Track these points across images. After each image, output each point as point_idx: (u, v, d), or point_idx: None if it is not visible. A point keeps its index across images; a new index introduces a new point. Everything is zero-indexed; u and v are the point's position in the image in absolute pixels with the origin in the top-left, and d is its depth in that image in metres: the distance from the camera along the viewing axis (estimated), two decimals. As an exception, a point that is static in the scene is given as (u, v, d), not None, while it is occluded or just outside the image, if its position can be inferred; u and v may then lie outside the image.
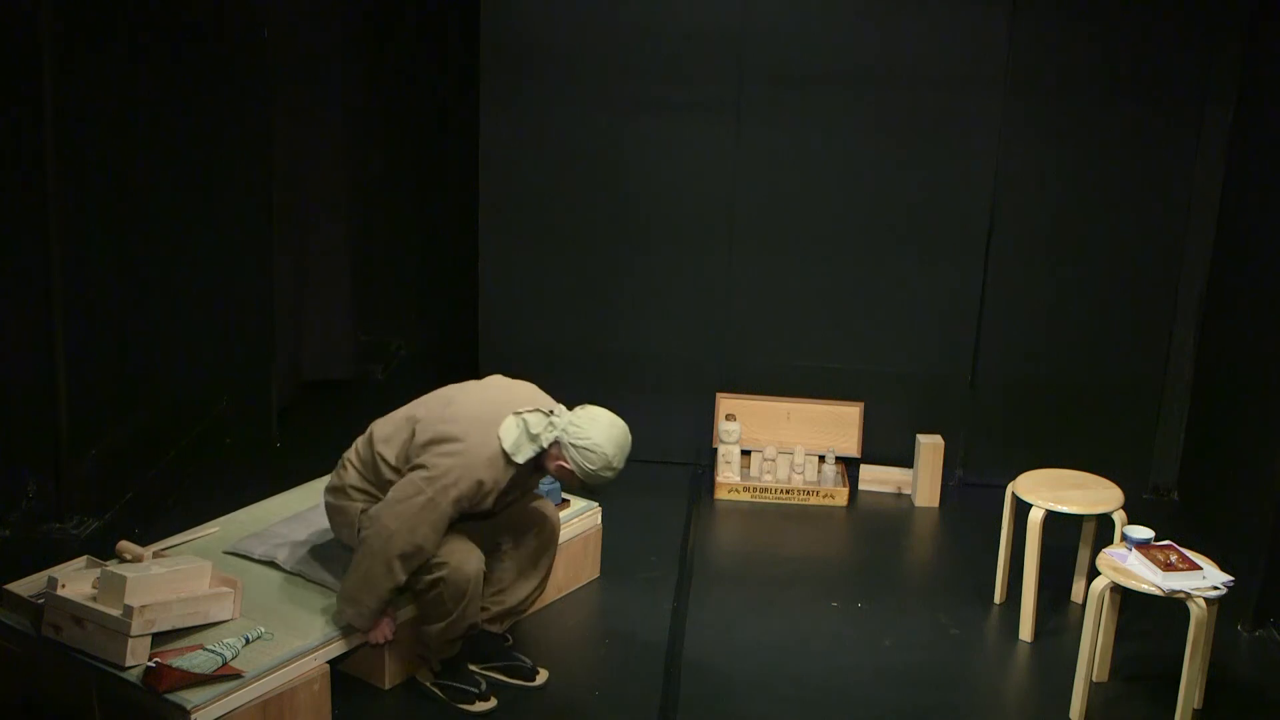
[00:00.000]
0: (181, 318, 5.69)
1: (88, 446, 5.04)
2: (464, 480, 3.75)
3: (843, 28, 5.51)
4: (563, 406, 3.94)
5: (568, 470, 3.83)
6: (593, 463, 3.78)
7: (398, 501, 3.76)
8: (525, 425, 3.81)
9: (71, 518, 4.94)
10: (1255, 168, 5.21)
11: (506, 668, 4.17)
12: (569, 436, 3.79)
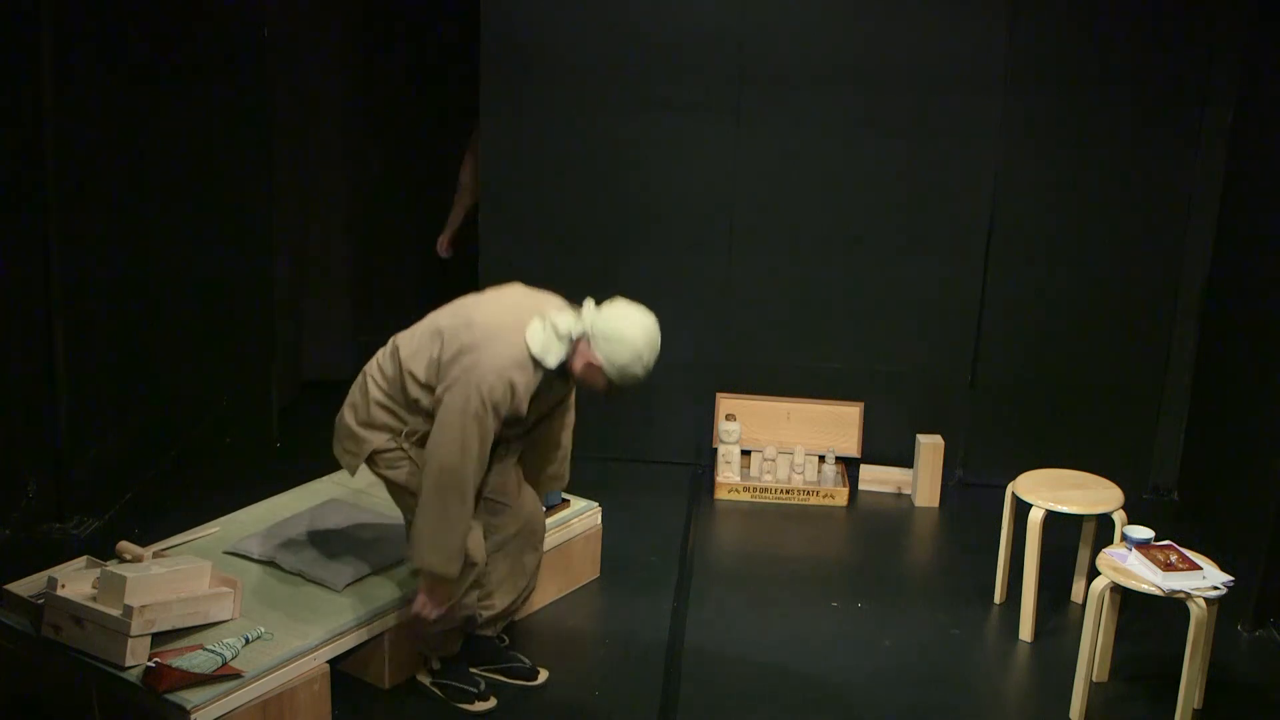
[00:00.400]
0: (181, 318, 5.70)
1: (88, 446, 5.04)
2: (498, 384, 3.63)
3: (842, 28, 5.51)
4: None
5: (596, 369, 3.70)
6: (621, 356, 3.66)
7: (446, 428, 3.64)
8: (553, 326, 3.72)
9: (71, 518, 4.94)
10: (1255, 168, 5.21)
11: (505, 669, 4.17)
12: (597, 329, 3.68)
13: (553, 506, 4.69)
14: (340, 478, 4.93)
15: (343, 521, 4.48)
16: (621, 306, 3.73)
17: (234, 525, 4.47)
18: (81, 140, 4.88)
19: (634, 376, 3.72)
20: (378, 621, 3.99)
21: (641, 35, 5.55)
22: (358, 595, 4.04)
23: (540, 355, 3.70)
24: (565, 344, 3.71)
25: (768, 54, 5.54)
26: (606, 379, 3.72)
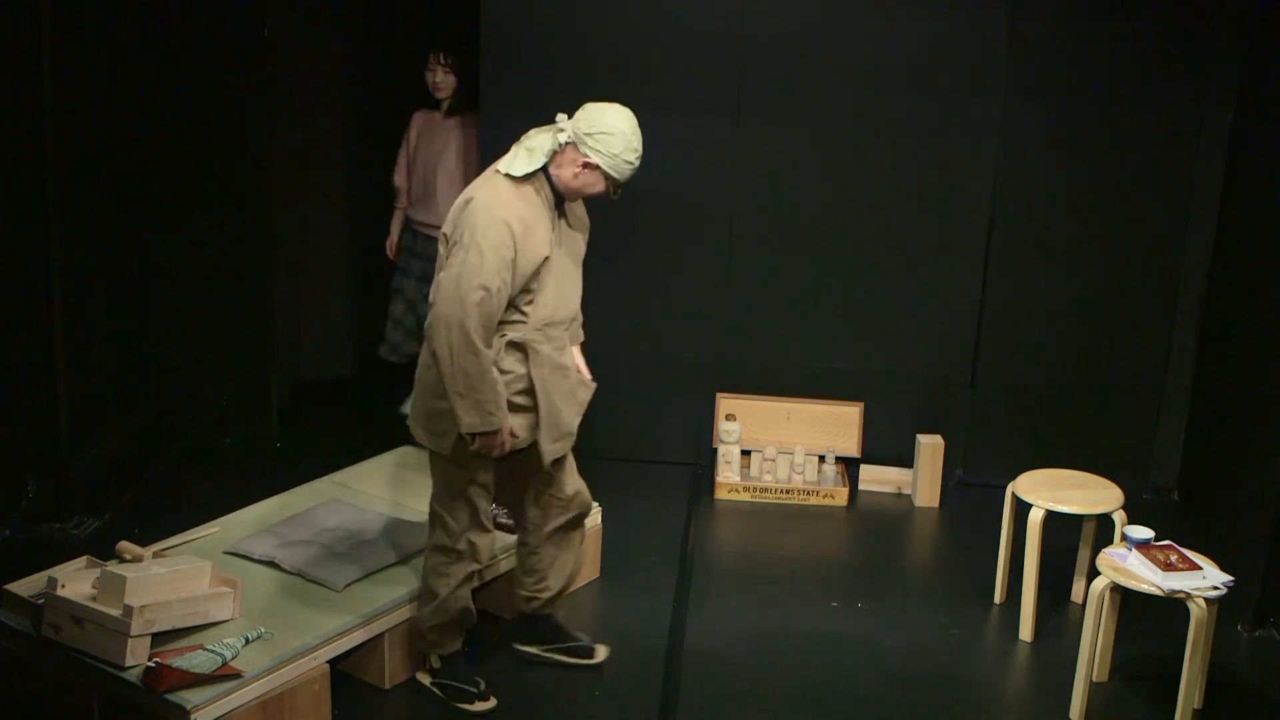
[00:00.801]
0: (181, 318, 5.70)
1: (88, 446, 5.04)
2: (490, 226, 3.58)
3: (842, 28, 5.50)
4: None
5: (591, 169, 3.69)
6: (614, 145, 3.66)
7: (440, 287, 3.63)
8: (522, 144, 3.75)
9: (71, 518, 4.94)
10: (1255, 168, 5.20)
11: (565, 649, 4.22)
12: (580, 130, 3.68)
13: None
14: (340, 478, 4.94)
15: (343, 521, 4.48)
16: (595, 105, 3.76)
17: (234, 525, 4.47)
18: (81, 140, 4.88)
19: (629, 164, 3.73)
20: (378, 621, 3.99)
21: (642, 35, 5.55)
22: (358, 595, 4.04)
23: (507, 169, 3.69)
24: (542, 156, 3.70)
25: (768, 54, 5.54)
26: (605, 177, 3.73)
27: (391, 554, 4.25)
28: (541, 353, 3.78)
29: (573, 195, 3.80)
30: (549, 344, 3.80)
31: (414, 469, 5.05)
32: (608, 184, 3.75)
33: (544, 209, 3.75)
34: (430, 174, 5.77)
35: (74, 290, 4.87)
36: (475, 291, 3.57)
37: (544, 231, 3.72)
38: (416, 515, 4.60)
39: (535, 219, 3.70)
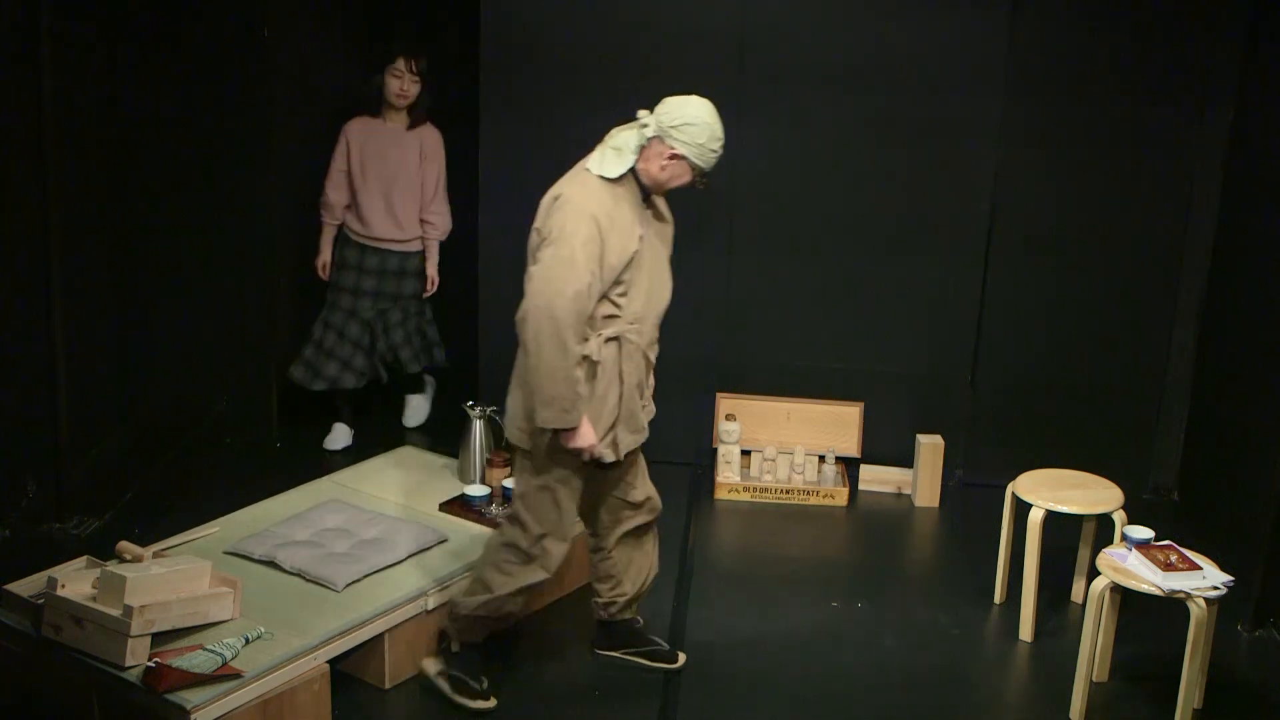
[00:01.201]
0: (181, 318, 5.70)
1: (88, 446, 5.04)
2: (579, 222, 3.61)
3: (843, 27, 5.50)
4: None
5: (678, 160, 3.71)
6: (699, 135, 3.69)
7: (531, 281, 3.64)
8: (607, 144, 3.79)
9: (71, 518, 4.94)
10: (1255, 168, 5.20)
11: (646, 652, 4.23)
12: (664, 124, 3.70)
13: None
14: (340, 478, 4.94)
15: (343, 521, 4.48)
16: (675, 98, 3.81)
17: (234, 525, 4.47)
18: (81, 140, 4.88)
19: (714, 152, 3.75)
20: (378, 621, 3.99)
21: (641, 35, 5.54)
22: (358, 595, 4.04)
23: (597, 169, 3.74)
24: (630, 154, 3.73)
25: (768, 54, 5.54)
26: (691, 167, 3.74)
27: (391, 554, 4.25)
28: (633, 343, 3.79)
29: (659, 188, 3.81)
30: (640, 339, 3.81)
31: (414, 469, 5.05)
32: (694, 174, 3.76)
33: (632, 204, 3.76)
34: (387, 186, 5.58)
35: (74, 290, 4.87)
36: (566, 286, 3.58)
37: (632, 226, 3.73)
38: (416, 515, 4.60)
39: (623, 214, 3.72)
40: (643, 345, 3.83)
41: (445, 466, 5.07)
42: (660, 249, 3.89)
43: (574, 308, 3.58)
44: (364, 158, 5.57)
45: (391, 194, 5.58)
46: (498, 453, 4.82)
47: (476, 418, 4.89)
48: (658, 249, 3.87)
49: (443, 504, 4.70)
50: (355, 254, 5.64)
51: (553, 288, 3.58)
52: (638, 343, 3.80)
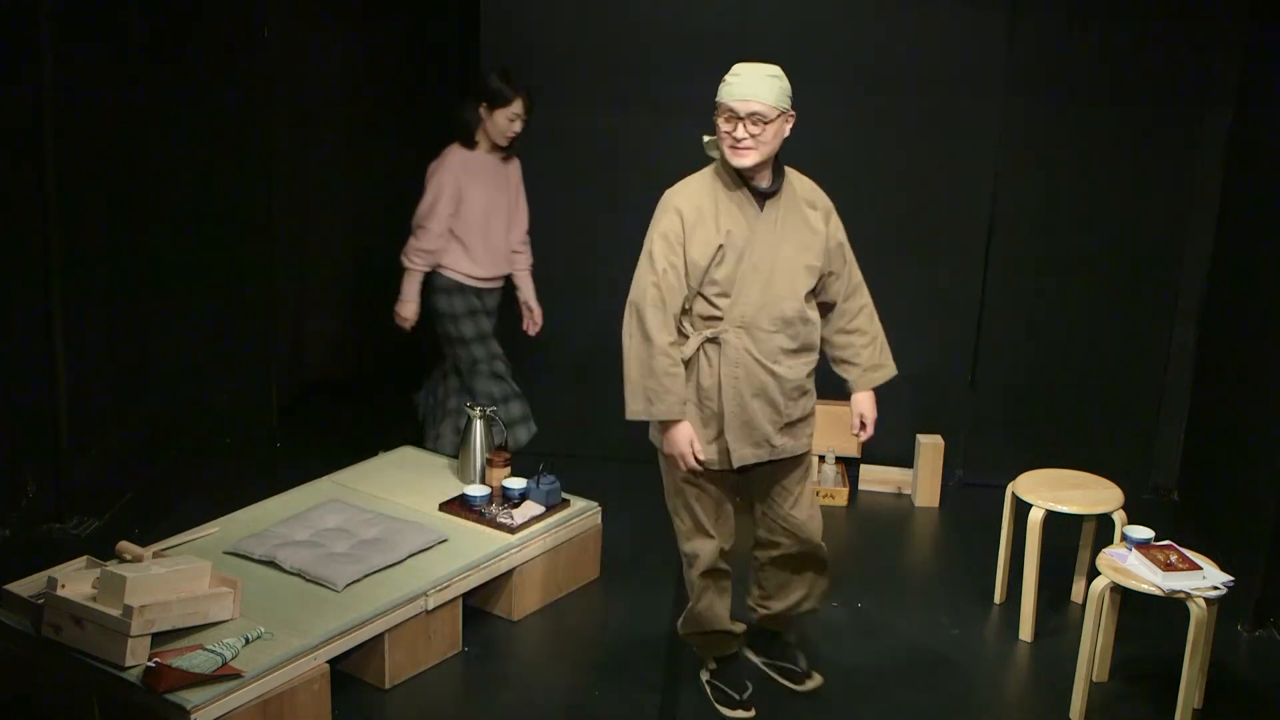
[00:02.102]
0: (182, 318, 5.70)
1: (88, 446, 5.04)
2: (663, 214, 3.70)
3: (842, 28, 5.51)
4: None
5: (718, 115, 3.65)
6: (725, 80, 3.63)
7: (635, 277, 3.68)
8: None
9: (71, 518, 4.94)
10: (1255, 168, 5.20)
11: (780, 667, 4.19)
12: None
13: (552, 507, 4.69)
14: (340, 478, 4.94)
15: (343, 521, 4.48)
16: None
17: (234, 525, 4.47)
18: (81, 140, 4.88)
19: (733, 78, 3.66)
20: (378, 621, 3.99)
21: (641, 34, 5.55)
22: (358, 595, 4.04)
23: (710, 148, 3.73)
24: (715, 141, 3.72)
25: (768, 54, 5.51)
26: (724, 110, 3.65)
27: (391, 554, 4.25)
28: (732, 346, 3.67)
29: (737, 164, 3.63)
30: (748, 341, 3.68)
31: (414, 469, 5.05)
32: (720, 116, 3.65)
33: (730, 197, 3.67)
34: (494, 221, 5.13)
35: (74, 290, 4.87)
36: (644, 278, 3.64)
37: (722, 221, 3.64)
38: (416, 515, 4.60)
39: (715, 206, 3.66)
40: (756, 353, 3.68)
41: (445, 466, 5.07)
42: (789, 252, 3.69)
43: (655, 296, 3.60)
44: (473, 193, 5.05)
45: (495, 228, 5.16)
46: (497, 453, 4.82)
47: (477, 418, 4.88)
48: (779, 251, 3.68)
49: (443, 504, 4.70)
50: (472, 299, 5.15)
51: (638, 280, 3.66)
52: (744, 348, 3.67)
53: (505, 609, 4.53)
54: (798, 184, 3.80)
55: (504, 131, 5.00)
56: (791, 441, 3.85)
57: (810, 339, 3.82)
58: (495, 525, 4.54)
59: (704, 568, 3.91)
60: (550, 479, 4.72)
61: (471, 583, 4.31)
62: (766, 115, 3.58)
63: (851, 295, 3.90)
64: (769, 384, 3.72)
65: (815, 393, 3.92)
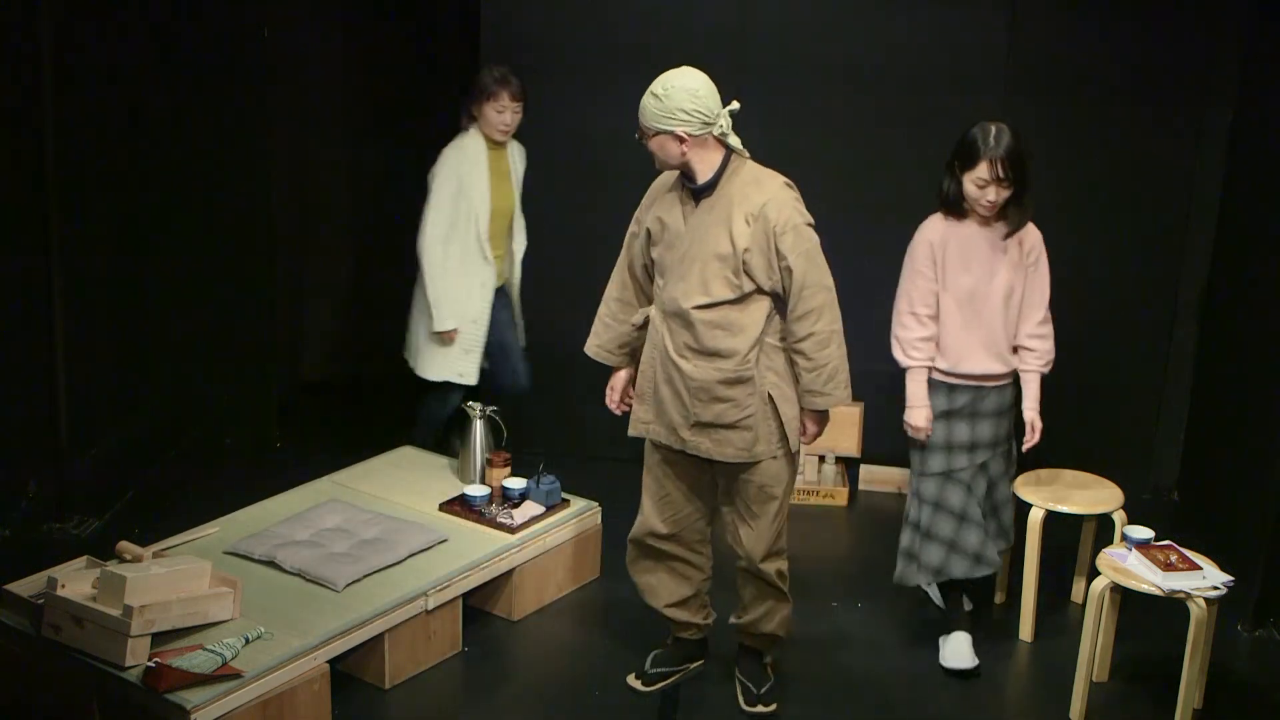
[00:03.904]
0: (182, 318, 5.70)
1: (88, 446, 5.04)
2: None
3: (842, 27, 5.50)
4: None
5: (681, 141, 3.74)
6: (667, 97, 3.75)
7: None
8: None
9: (71, 518, 4.94)
10: (1255, 168, 5.20)
11: (740, 681, 4.10)
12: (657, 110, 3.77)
13: (552, 506, 4.69)
14: (340, 478, 4.94)
15: (343, 521, 4.48)
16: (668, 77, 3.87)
17: (234, 525, 4.47)
18: (81, 140, 4.88)
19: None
20: (378, 621, 3.99)
21: (642, 35, 5.54)
22: (358, 595, 4.04)
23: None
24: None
25: (768, 54, 5.54)
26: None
27: (391, 554, 4.25)
28: (654, 328, 3.85)
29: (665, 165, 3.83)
30: (664, 329, 3.79)
31: (414, 469, 5.05)
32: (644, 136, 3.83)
33: (675, 188, 3.83)
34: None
35: (74, 290, 4.87)
36: (629, 231, 3.97)
37: (662, 207, 3.82)
38: (416, 515, 4.60)
39: (665, 193, 3.85)
40: (667, 342, 3.77)
41: (445, 466, 5.07)
42: (701, 254, 3.68)
43: (621, 256, 3.99)
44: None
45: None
46: (497, 453, 4.82)
47: (477, 417, 4.88)
48: (694, 250, 3.70)
49: (443, 504, 4.70)
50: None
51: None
52: (662, 334, 3.80)
53: (505, 609, 4.53)
54: (751, 192, 3.72)
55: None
56: (710, 444, 3.78)
57: (720, 346, 3.70)
58: (495, 525, 4.54)
59: (633, 534, 4.04)
60: (550, 479, 4.72)
61: (471, 583, 4.31)
62: (645, 130, 3.78)
63: (798, 320, 3.70)
64: (675, 376, 3.78)
65: (755, 410, 3.73)
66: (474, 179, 5.00)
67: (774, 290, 3.71)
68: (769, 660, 4.14)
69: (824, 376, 3.73)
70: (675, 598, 4.07)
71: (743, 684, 4.08)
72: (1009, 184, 4.07)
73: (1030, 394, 4.30)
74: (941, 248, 4.21)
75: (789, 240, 3.69)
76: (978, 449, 4.26)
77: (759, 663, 4.12)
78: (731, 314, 3.70)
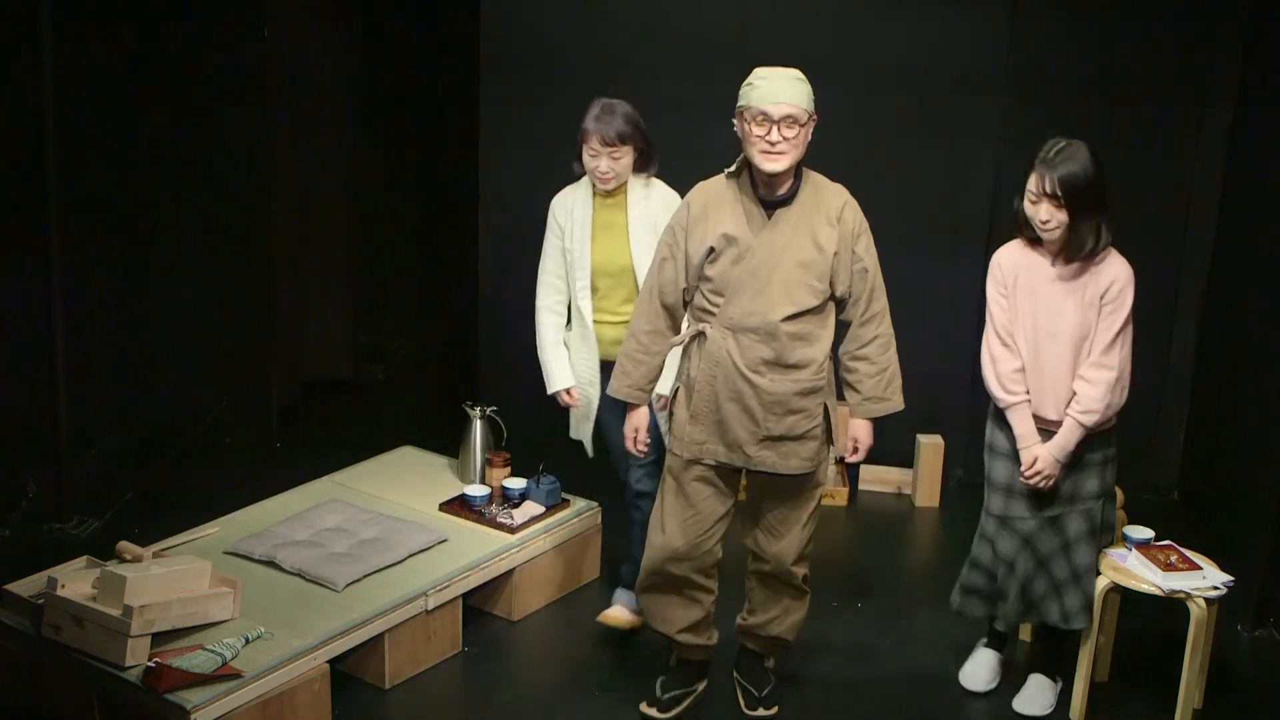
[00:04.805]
0: (182, 318, 5.70)
1: (88, 446, 5.04)
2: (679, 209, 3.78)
3: (843, 28, 5.50)
4: None
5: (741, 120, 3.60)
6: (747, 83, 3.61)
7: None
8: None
9: (71, 518, 4.95)
10: (1255, 168, 5.20)
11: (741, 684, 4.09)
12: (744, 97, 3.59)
13: (552, 506, 4.69)
14: (340, 478, 4.94)
15: (343, 521, 4.48)
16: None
17: (234, 525, 4.47)
18: (81, 140, 4.88)
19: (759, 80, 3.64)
20: (378, 621, 3.99)
21: (641, 35, 5.55)
22: (358, 595, 4.04)
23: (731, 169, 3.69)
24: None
25: (768, 54, 5.51)
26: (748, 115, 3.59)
27: (391, 554, 4.25)
28: (715, 344, 3.64)
29: (757, 167, 3.60)
30: (732, 344, 3.62)
31: (414, 469, 5.05)
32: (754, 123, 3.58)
33: (740, 200, 3.65)
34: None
35: (74, 290, 4.87)
36: (652, 264, 3.77)
37: (722, 221, 3.62)
38: (416, 515, 4.60)
39: (721, 207, 3.65)
40: (737, 358, 3.62)
41: (445, 466, 5.07)
42: (788, 265, 3.60)
43: (647, 284, 3.78)
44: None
45: None
46: (497, 453, 4.82)
47: (476, 417, 4.88)
48: (779, 262, 3.60)
49: (443, 504, 4.70)
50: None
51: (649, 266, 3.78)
52: (726, 350, 3.62)
53: (505, 609, 4.53)
54: (827, 196, 3.72)
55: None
56: (775, 458, 3.70)
57: (800, 357, 3.64)
58: (495, 525, 4.54)
59: (652, 560, 3.84)
60: (550, 479, 4.72)
61: (471, 583, 4.31)
62: (799, 118, 3.62)
63: (866, 322, 3.73)
64: (746, 392, 3.64)
65: (821, 419, 3.72)
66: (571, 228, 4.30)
67: (843, 295, 3.70)
68: (770, 664, 4.13)
69: (885, 380, 3.74)
70: (687, 622, 3.94)
71: (743, 687, 4.07)
72: (1061, 204, 3.70)
73: (1056, 438, 3.83)
74: (1012, 274, 3.90)
75: (864, 242, 3.74)
76: (1047, 503, 3.88)
77: (760, 665, 4.10)
78: (812, 324, 3.65)
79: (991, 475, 3.97)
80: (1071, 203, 3.69)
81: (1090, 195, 3.68)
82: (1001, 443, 3.93)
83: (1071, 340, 3.79)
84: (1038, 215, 3.77)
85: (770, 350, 3.62)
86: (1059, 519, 3.88)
